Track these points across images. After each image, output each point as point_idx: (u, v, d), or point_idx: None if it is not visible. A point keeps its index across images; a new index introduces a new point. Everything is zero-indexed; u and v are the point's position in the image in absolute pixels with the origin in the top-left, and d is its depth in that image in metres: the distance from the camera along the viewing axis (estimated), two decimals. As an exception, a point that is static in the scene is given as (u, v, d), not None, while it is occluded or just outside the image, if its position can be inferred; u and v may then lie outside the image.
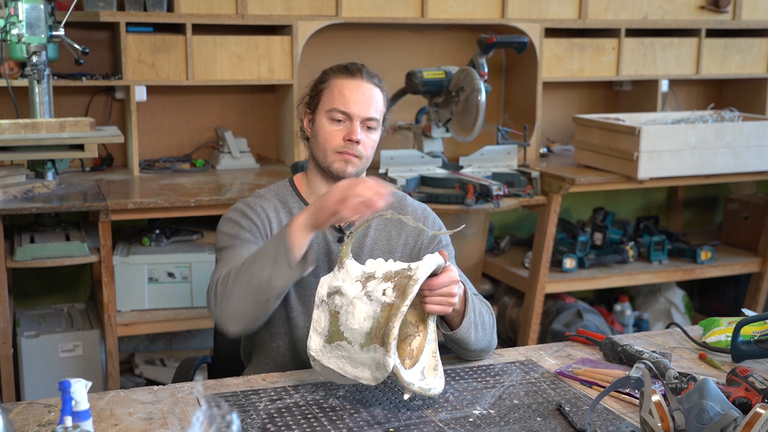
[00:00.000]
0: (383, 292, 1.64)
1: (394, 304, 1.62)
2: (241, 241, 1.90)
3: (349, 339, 1.65)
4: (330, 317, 1.68)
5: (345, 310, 1.66)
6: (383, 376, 1.63)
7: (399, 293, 1.63)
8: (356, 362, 1.65)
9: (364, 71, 1.96)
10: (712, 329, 2.06)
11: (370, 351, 1.62)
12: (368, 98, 1.93)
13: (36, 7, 3.04)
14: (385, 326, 1.60)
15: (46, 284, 3.69)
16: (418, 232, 2.02)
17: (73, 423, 1.35)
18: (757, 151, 3.79)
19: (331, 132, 1.93)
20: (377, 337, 1.61)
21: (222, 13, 3.59)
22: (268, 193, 2.02)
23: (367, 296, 1.65)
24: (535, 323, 3.82)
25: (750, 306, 4.20)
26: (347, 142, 1.92)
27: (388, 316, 1.61)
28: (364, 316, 1.64)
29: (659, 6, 4.29)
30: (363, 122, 1.93)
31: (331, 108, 1.93)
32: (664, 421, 1.47)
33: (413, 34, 4.12)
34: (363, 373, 1.65)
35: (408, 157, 3.64)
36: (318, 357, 1.68)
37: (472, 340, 1.84)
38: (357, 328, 1.64)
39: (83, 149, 3.08)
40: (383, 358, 1.60)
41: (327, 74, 1.98)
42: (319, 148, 1.95)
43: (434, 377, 1.70)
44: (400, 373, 1.61)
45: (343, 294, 1.67)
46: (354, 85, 1.93)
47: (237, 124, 3.93)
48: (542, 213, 3.74)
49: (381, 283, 1.66)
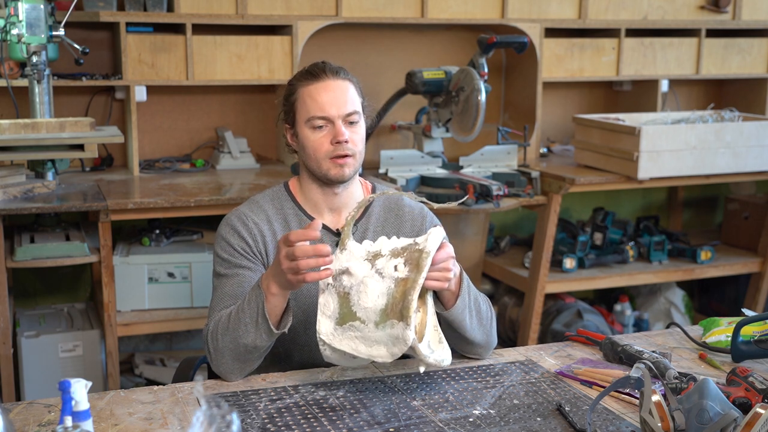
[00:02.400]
0: (395, 267, 1.67)
1: (409, 278, 1.65)
2: (234, 267, 1.91)
3: (362, 318, 1.66)
4: (339, 299, 1.70)
5: (356, 289, 1.68)
6: (401, 350, 1.65)
7: (412, 267, 1.66)
8: (370, 341, 1.67)
9: (327, 69, 1.93)
10: (712, 329, 2.06)
11: (387, 327, 1.64)
12: (340, 95, 1.91)
13: (36, 7, 3.04)
14: (402, 300, 1.63)
15: (46, 284, 3.69)
16: (416, 232, 2.02)
17: (73, 423, 1.35)
18: (757, 151, 3.79)
19: (317, 140, 1.92)
20: (394, 312, 1.64)
21: (222, 13, 3.59)
22: (263, 199, 2.02)
23: (379, 274, 1.68)
24: (535, 323, 3.82)
25: (750, 306, 4.20)
26: (336, 144, 1.90)
27: (404, 291, 1.64)
28: (377, 293, 1.66)
29: (659, 6, 4.29)
30: (344, 119, 1.92)
31: (309, 117, 1.91)
32: (664, 421, 1.47)
33: (413, 34, 4.12)
34: (378, 351, 1.67)
35: (408, 157, 3.64)
36: (329, 341, 1.69)
37: (467, 325, 1.85)
38: (371, 306, 1.66)
39: (83, 149, 3.08)
40: (403, 332, 1.62)
41: (293, 84, 1.96)
42: (311, 159, 1.94)
43: (442, 349, 1.73)
44: (417, 346, 1.64)
45: (351, 274, 1.69)
46: (322, 86, 1.91)
47: (237, 124, 3.93)
48: (542, 213, 3.74)
49: (390, 259, 1.69)
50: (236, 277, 1.91)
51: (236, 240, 1.93)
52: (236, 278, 1.91)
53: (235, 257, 1.92)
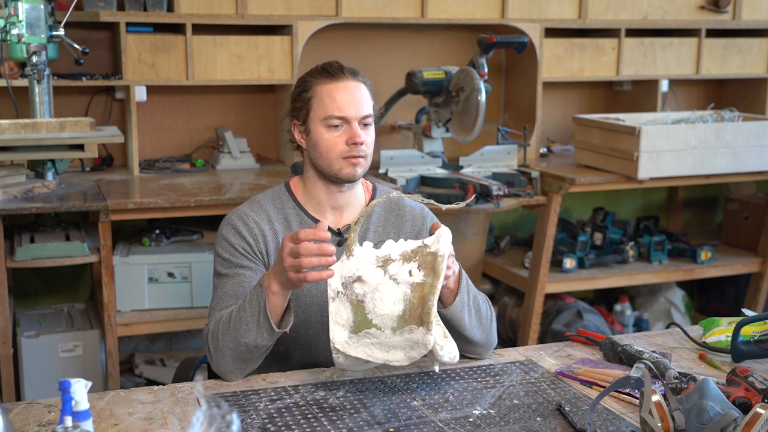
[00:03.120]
0: (409, 272, 1.67)
1: (426, 283, 1.66)
2: (235, 267, 1.91)
3: (378, 325, 1.66)
4: (353, 307, 1.69)
5: (371, 297, 1.68)
6: (420, 354, 1.66)
7: (428, 271, 1.66)
8: (387, 346, 1.67)
9: (345, 70, 1.93)
10: (712, 329, 2.06)
11: (405, 333, 1.64)
12: (359, 97, 1.92)
13: (36, 7, 3.04)
14: (422, 306, 1.64)
15: (46, 284, 3.69)
16: (416, 232, 2.02)
17: (73, 423, 1.35)
18: (757, 151, 3.79)
19: (331, 139, 1.91)
20: (413, 317, 1.64)
21: (222, 13, 3.59)
22: (264, 198, 2.01)
23: (393, 280, 1.68)
24: (535, 323, 3.82)
25: (750, 306, 4.20)
26: (351, 145, 1.90)
27: (421, 296, 1.65)
28: (393, 300, 1.66)
29: (659, 6, 4.29)
30: (360, 121, 1.92)
31: (326, 116, 1.90)
32: (664, 421, 1.47)
33: (413, 34, 4.12)
34: (395, 356, 1.67)
35: (408, 157, 3.64)
36: (344, 349, 1.69)
37: (466, 323, 1.85)
38: (387, 313, 1.66)
39: (83, 149, 3.08)
40: (423, 337, 1.63)
41: (308, 81, 1.94)
42: (322, 158, 1.92)
43: (449, 344, 1.74)
44: (435, 348, 1.65)
45: (364, 282, 1.68)
46: (341, 87, 1.91)
47: (237, 124, 3.93)
48: (542, 213, 3.74)
49: (403, 264, 1.69)
50: (237, 276, 1.91)
51: (237, 240, 1.93)
52: (237, 278, 1.91)
53: (236, 257, 1.92)
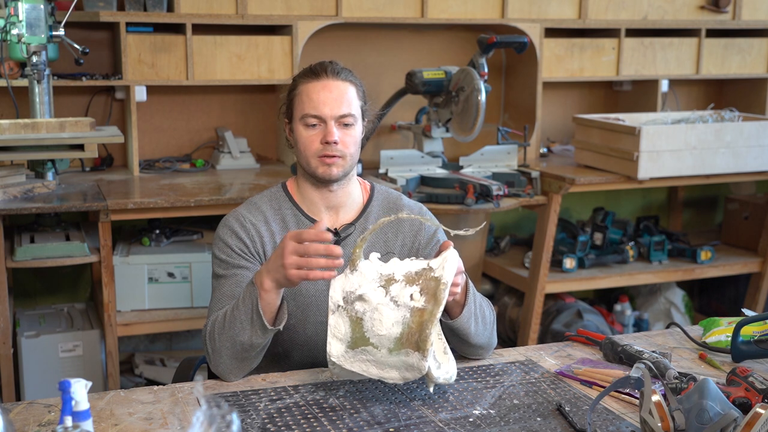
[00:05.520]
0: (411, 296, 1.65)
1: (426, 310, 1.64)
2: (232, 268, 1.92)
3: (375, 344, 1.65)
4: (351, 323, 1.68)
5: (370, 316, 1.66)
6: (414, 377, 1.65)
7: (429, 297, 1.65)
8: (383, 365, 1.66)
9: (328, 69, 1.94)
10: (712, 329, 2.06)
11: (401, 355, 1.63)
12: (337, 96, 1.92)
13: (36, 7, 3.03)
14: (419, 332, 1.62)
15: (46, 284, 3.69)
16: (415, 233, 2.02)
17: (73, 423, 1.35)
18: (757, 151, 3.79)
19: (308, 138, 1.93)
20: (410, 342, 1.62)
21: (222, 13, 3.59)
22: (261, 200, 2.02)
23: (393, 302, 1.66)
24: (535, 323, 3.82)
25: (750, 306, 4.20)
26: (325, 144, 1.91)
27: (420, 322, 1.63)
28: (392, 321, 1.65)
29: (659, 6, 4.29)
30: (337, 121, 1.92)
31: (303, 114, 1.92)
32: (664, 421, 1.47)
33: (413, 34, 4.12)
34: (390, 374, 1.66)
35: (408, 157, 3.64)
36: (340, 362, 1.68)
37: (472, 332, 1.85)
38: (385, 333, 1.64)
39: (83, 149, 3.08)
40: (419, 363, 1.61)
41: (296, 80, 1.98)
42: (302, 156, 1.95)
43: (447, 362, 1.72)
44: (431, 369, 1.64)
45: (365, 300, 1.67)
46: (321, 86, 1.92)
47: (237, 124, 3.93)
48: (542, 213, 3.74)
49: (405, 287, 1.67)
50: (234, 277, 1.91)
51: (234, 241, 1.94)
52: (234, 279, 1.91)
53: (233, 258, 1.93)
